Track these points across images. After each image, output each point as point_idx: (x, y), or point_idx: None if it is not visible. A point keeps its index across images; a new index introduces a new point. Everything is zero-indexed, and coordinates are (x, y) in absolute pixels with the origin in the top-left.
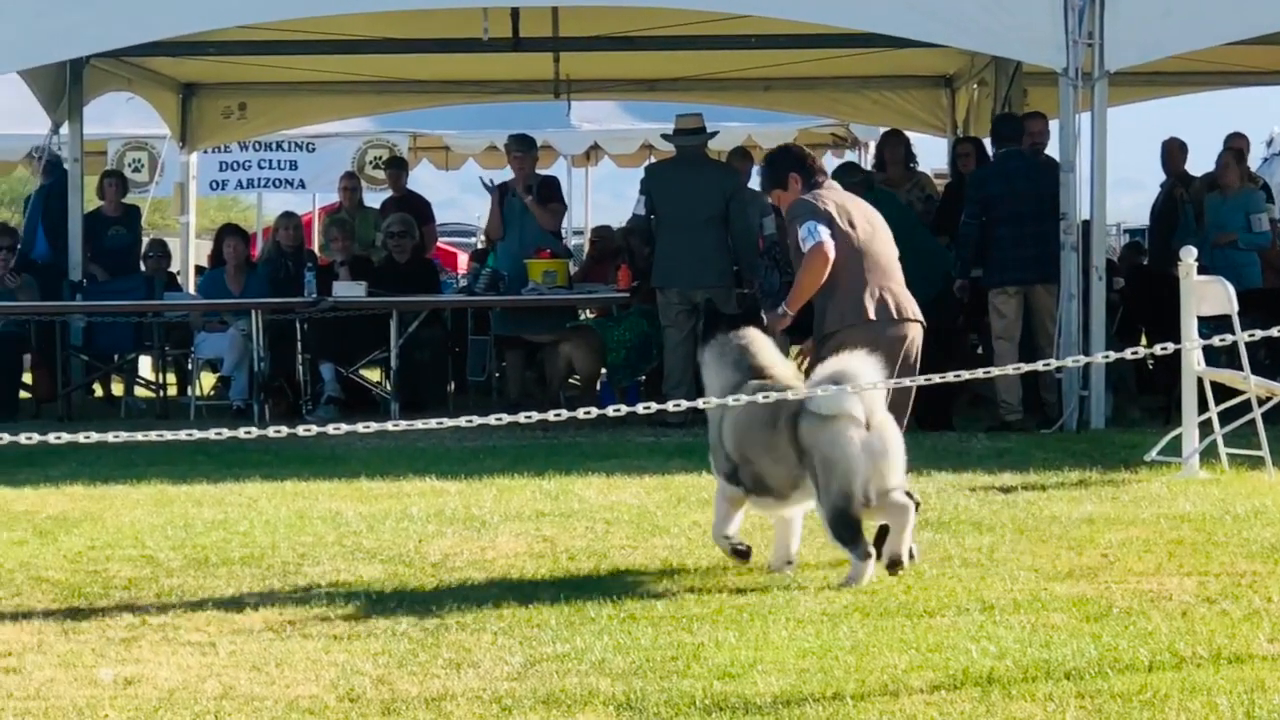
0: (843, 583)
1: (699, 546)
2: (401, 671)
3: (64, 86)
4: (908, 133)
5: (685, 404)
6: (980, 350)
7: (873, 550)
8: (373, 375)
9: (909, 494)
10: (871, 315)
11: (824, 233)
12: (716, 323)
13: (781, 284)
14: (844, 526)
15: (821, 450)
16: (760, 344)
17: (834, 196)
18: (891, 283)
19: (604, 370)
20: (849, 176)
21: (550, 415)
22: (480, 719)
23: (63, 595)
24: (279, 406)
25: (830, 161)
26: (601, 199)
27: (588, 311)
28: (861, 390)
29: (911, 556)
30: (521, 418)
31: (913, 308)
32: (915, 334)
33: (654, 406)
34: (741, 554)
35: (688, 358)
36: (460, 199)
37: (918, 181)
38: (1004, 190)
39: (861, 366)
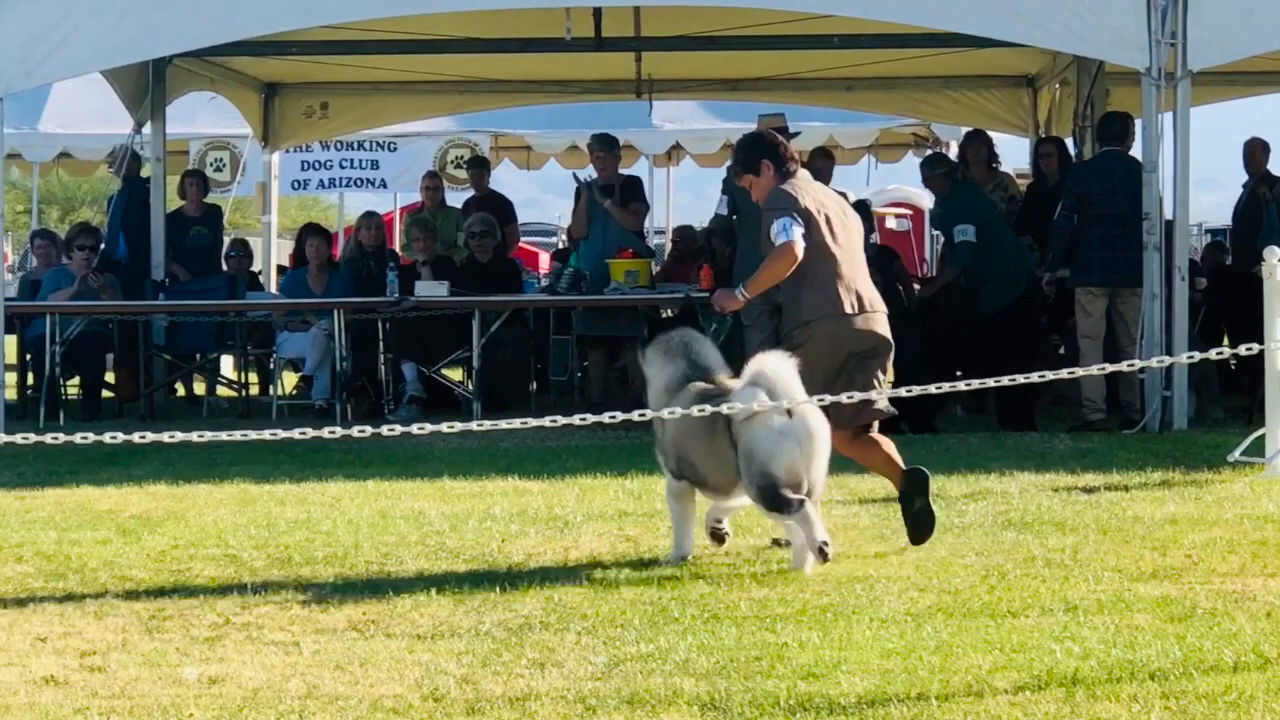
0: (802, 552)
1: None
2: (486, 671)
3: (147, 86)
4: (990, 133)
5: (769, 404)
6: (1063, 350)
7: (802, 498)
8: (455, 375)
9: None
10: (846, 309)
11: (797, 232)
12: (658, 327)
13: None
14: (771, 498)
15: (744, 441)
16: (698, 342)
17: (810, 190)
18: (860, 276)
19: None
20: (935, 168)
21: (635, 415)
22: (564, 719)
23: (146, 594)
24: (361, 406)
25: (911, 161)
26: (682, 199)
27: (670, 311)
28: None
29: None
30: (605, 417)
31: (879, 300)
32: (881, 325)
33: (737, 406)
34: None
35: None
36: (541, 199)
37: (1000, 181)
38: (1102, 189)
39: (778, 365)
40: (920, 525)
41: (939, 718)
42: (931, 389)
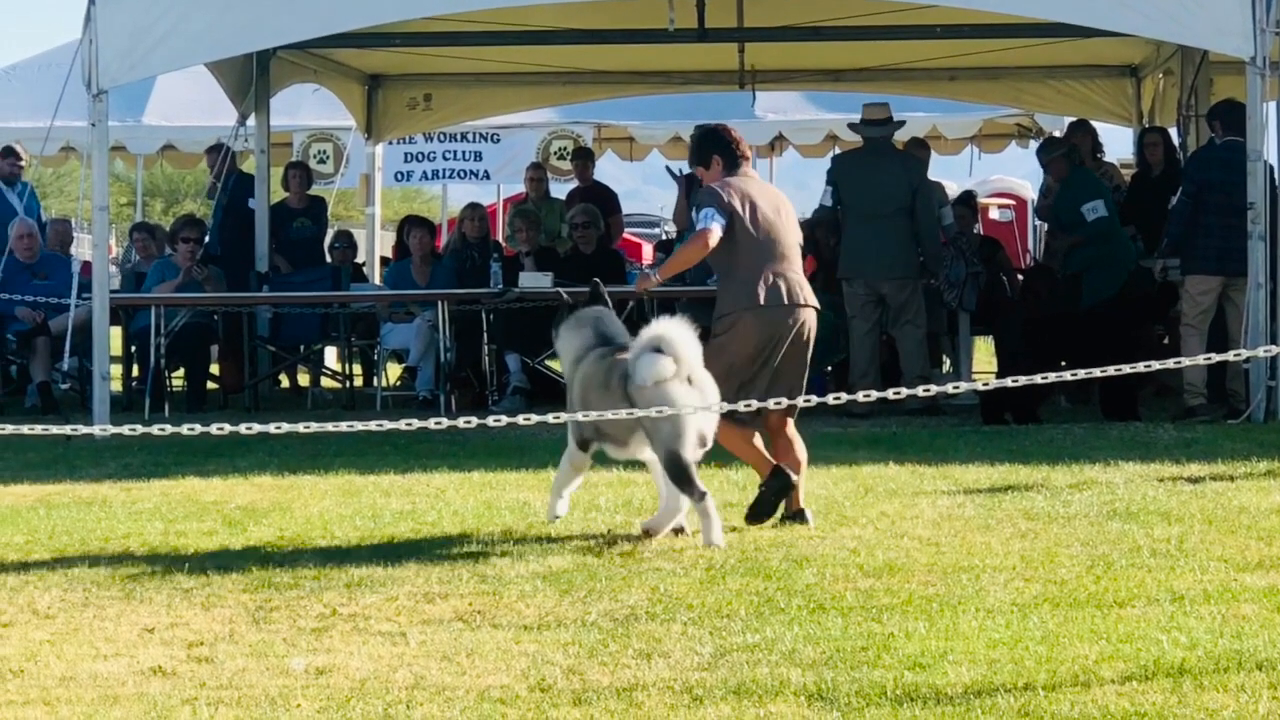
0: (704, 535)
1: (887, 537)
2: (592, 662)
3: (251, 78)
4: (1093, 122)
5: (875, 394)
6: (1166, 340)
7: (707, 490)
8: (558, 366)
9: None
10: (762, 300)
11: (715, 226)
12: (568, 307)
13: (967, 274)
14: (678, 471)
15: (643, 408)
16: (605, 316)
17: (743, 186)
18: (788, 269)
19: None
20: (1054, 150)
21: (740, 406)
22: (671, 709)
23: (252, 585)
24: (465, 397)
25: (1015, 152)
26: (785, 189)
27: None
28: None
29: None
30: (712, 407)
31: (806, 294)
32: (808, 317)
33: (844, 397)
34: (557, 517)
35: (874, 349)
36: (643, 190)
37: (1104, 171)
38: (1225, 179)
39: (676, 331)
40: (759, 513)
41: (1046, 708)
42: (1037, 379)
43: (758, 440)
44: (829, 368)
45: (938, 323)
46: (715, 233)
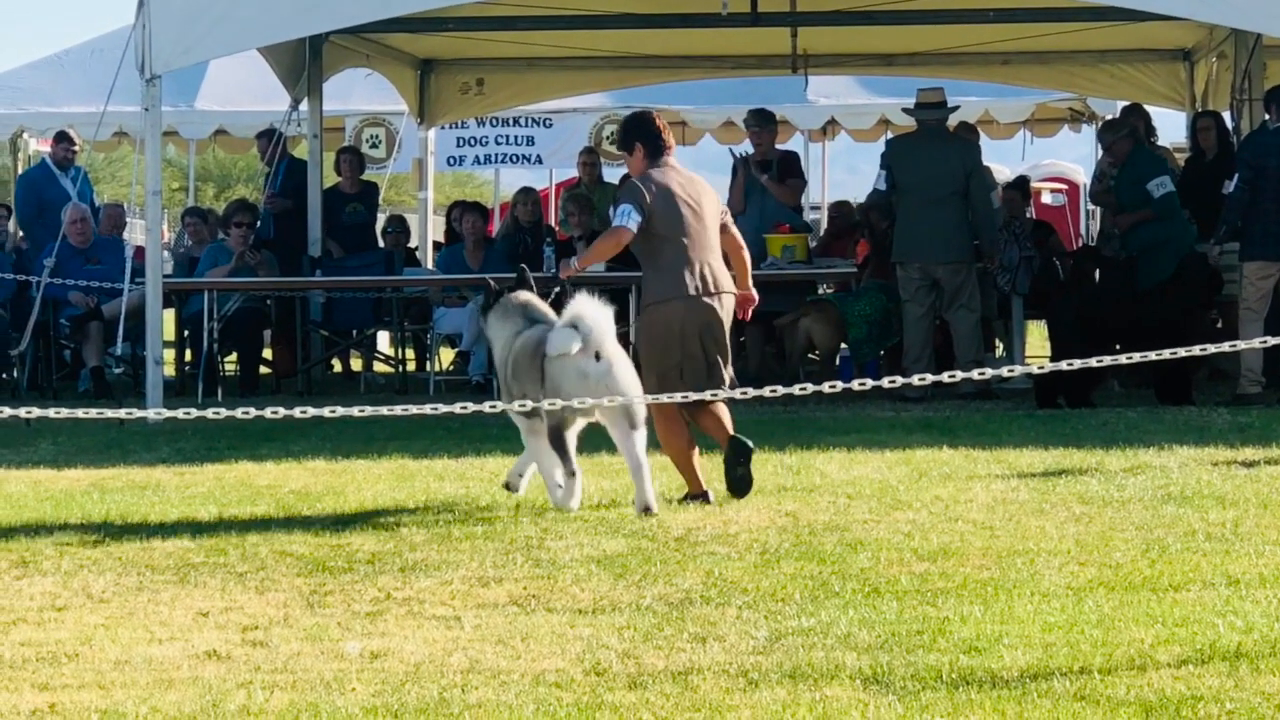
0: (558, 500)
1: (941, 521)
2: (647, 645)
3: (303, 63)
4: (1146, 107)
5: (930, 378)
6: (1220, 324)
7: (578, 470)
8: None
9: None
10: (690, 290)
11: (633, 221)
12: (496, 294)
13: (1020, 258)
14: (555, 440)
15: (551, 379)
16: (533, 301)
17: (664, 178)
18: (710, 258)
19: (843, 346)
20: (1118, 130)
21: (795, 389)
22: (727, 693)
23: (307, 569)
24: None
25: (1067, 136)
26: (837, 174)
27: (827, 286)
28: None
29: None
30: (766, 392)
31: (725, 282)
32: (728, 304)
33: (899, 380)
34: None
35: (928, 333)
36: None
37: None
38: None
39: (591, 310)
40: (738, 488)
41: (1102, 691)
42: (1092, 362)
43: (694, 453)
44: (881, 352)
45: (990, 307)
46: (630, 231)
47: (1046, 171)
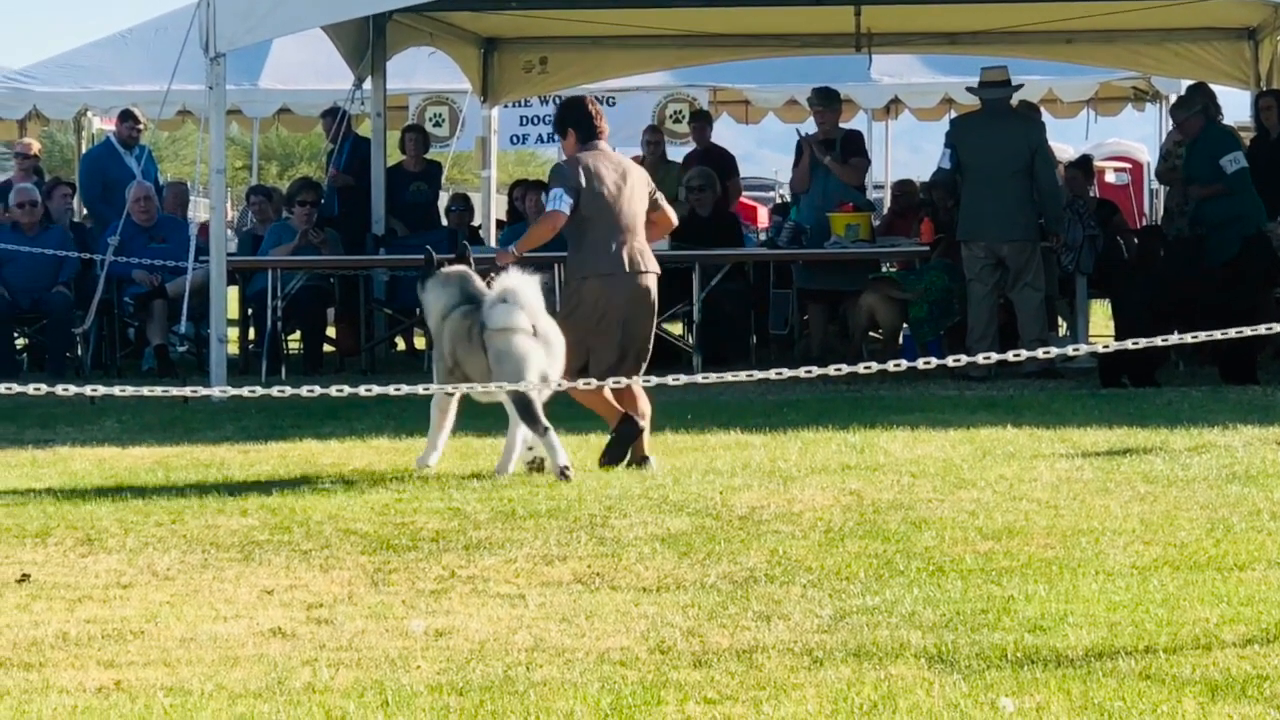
0: (551, 464)
1: (1006, 500)
2: (712, 624)
3: (367, 42)
4: (1211, 85)
5: (996, 356)
6: None
7: (550, 426)
8: (675, 329)
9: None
10: (607, 268)
11: (565, 204)
12: (434, 265)
13: (1084, 237)
14: (523, 409)
15: (495, 349)
16: (468, 275)
17: (593, 160)
18: (634, 238)
19: (905, 325)
20: (1191, 107)
21: (860, 368)
22: (792, 671)
23: (371, 547)
24: None
25: (1131, 115)
26: (899, 153)
27: (890, 265)
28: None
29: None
30: (831, 370)
31: (648, 261)
32: (650, 283)
33: (963, 359)
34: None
35: (992, 312)
36: (757, 153)
37: None
38: None
39: (522, 284)
40: (612, 457)
41: (1167, 670)
42: (1157, 341)
43: (606, 393)
44: (943, 331)
45: (1053, 286)
46: (563, 215)
47: (1110, 151)
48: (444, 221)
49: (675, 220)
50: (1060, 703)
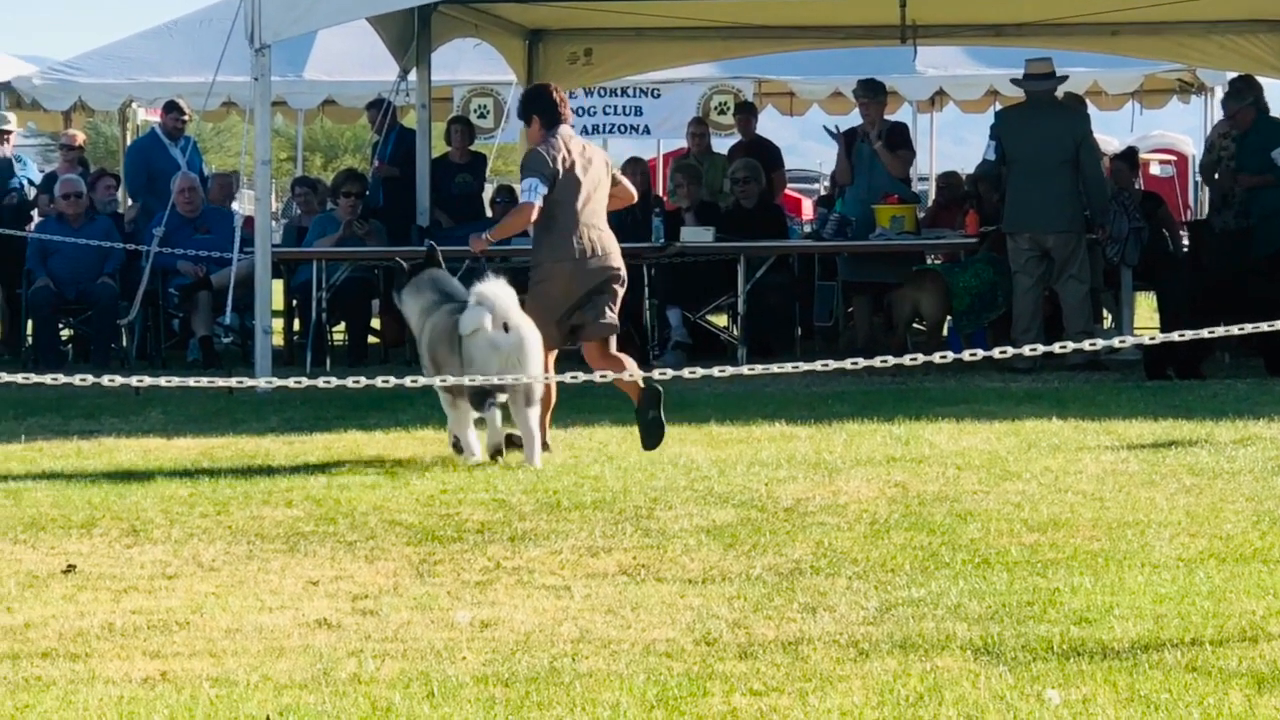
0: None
1: (1051, 492)
2: (757, 616)
3: (412, 33)
4: (1257, 78)
5: (1042, 348)
6: None
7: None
8: (719, 320)
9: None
10: (577, 254)
11: (539, 194)
12: (411, 269)
13: (1129, 230)
14: (477, 401)
15: (468, 354)
16: (442, 277)
17: (560, 147)
18: (598, 224)
19: (949, 317)
20: (1243, 99)
21: (905, 360)
22: (837, 663)
23: (416, 538)
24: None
25: (1176, 107)
26: (943, 145)
27: (935, 257)
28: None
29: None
30: (877, 362)
31: (612, 247)
32: (615, 262)
33: (1010, 350)
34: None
35: (1037, 304)
36: (801, 145)
37: None
38: None
39: (494, 287)
40: (651, 433)
41: (1213, 663)
42: (1204, 334)
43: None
44: (987, 324)
45: (1098, 278)
46: (538, 205)
47: (1155, 143)
48: (488, 213)
49: (635, 194)
50: (1106, 695)
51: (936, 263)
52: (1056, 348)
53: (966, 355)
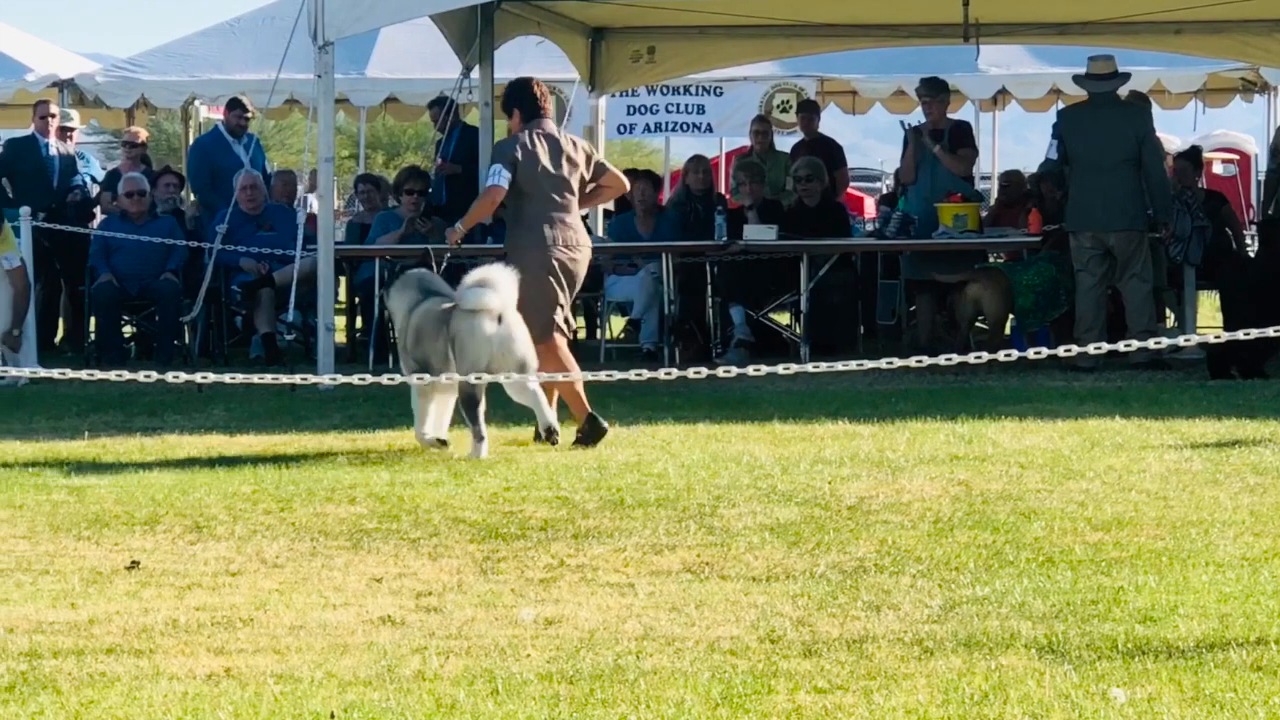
0: (465, 455)
1: (1115, 491)
2: (821, 613)
3: (475, 31)
4: None
5: (1107, 346)
6: None
7: (486, 433)
8: (782, 319)
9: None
10: (548, 242)
11: (504, 179)
12: (398, 270)
13: (1192, 228)
14: (468, 405)
15: (459, 336)
16: (429, 275)
17: (532, 140)
18: (567, 215)
19: (1012, 315)
20: None
21: (970, 358)
22: (902, 661)
23: (479, 535)
24: (688, 350)
25: (1239, 106)
26: (1005, 144)
27: (997, 255)
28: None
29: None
30: (941, 360)
31: (582, 237)
32: (580, 255)
33: (1074, 349)
34: (442, 443)
35: (1100, 302)
36: (863, 144)
37: None
38: None
39: (499, 273)
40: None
41: (1279, 662)
42: (1269, 332)
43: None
44: (1049, 322)
45: (1160, 277)
46: (502, 189)
47: (1218, 142)
48: None
49: (626, 183)
50: (1171, 694)
51: (999, 261)
52: (1121, 346)
53: (1031, 354)
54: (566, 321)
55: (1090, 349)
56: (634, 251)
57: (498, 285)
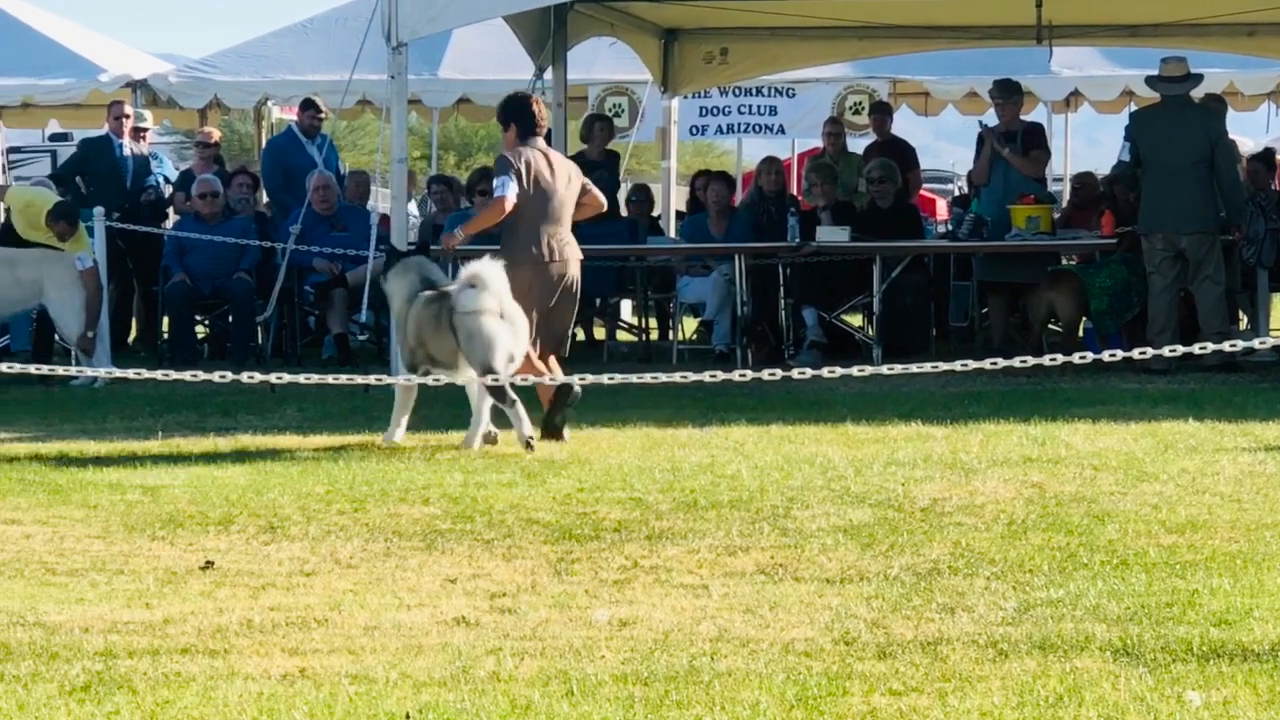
0: (516, 433)
1: (1189, 493)
2: (896, 615)
3: (548, 31)
4: None
5: (1181, 349)
6: None
7: (517, 398)
8: (854, 320)
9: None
10: (539, 255)
11: (511, 190)
12: (396, 254)
13: (1266, 230)
14: (499, 397)
15: (466, 329)
16: (426, 263)
17: (532, 154)
18: (559, 229)
19: (1085, 318)
20: None
21: (1045, 360)
22: (976, 663)
23: (553, 537)
24: (761, 351)
25: None
26: (1077, 146)
27: (1070, 257)
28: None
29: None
30: (1015, 362)
31: (572, 250)
32: (573, 270)
33: (1149, 351)
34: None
35: (1172, 305)
36: (934, 145)
37: None
38: None
39: (490, 270)
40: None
41: None
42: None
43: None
44: (1122, 324)
45: (1233, 279)
46: (510, 200)
47: None
48: (624, 212)
49: (604, 203)
50: (1247, 696)
51: (1072, 263)
52: (1196, 349)
53: (1105, 356)
54: (559, 336)
55: (1165, 351)
56: (707, 253)
57: (489, 282)
